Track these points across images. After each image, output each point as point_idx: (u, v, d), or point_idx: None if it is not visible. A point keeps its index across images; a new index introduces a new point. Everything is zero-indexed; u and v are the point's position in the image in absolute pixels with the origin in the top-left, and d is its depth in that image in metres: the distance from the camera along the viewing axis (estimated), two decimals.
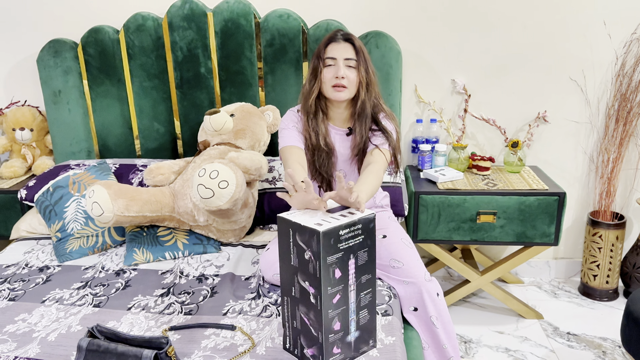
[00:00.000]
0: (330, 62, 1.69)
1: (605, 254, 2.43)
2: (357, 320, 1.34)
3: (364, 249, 1.31)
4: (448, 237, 2.22)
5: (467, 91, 2.45)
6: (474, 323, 2.33)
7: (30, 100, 2.65)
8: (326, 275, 1.24)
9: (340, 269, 1.26)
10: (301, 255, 1.27)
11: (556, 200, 2.13)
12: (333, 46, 1.69)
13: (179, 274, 1.85)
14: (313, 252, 1.23)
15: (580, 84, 2.42)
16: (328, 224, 1.24)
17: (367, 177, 1.61)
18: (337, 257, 1.25)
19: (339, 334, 1.31)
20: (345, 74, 1.68)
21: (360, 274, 1.32)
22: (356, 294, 1.32)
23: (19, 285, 1.80)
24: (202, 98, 2.45)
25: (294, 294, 1.32)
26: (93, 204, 1.83)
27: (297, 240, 1.27)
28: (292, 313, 1.35)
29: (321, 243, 1.20)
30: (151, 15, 2.37)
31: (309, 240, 1.23)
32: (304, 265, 1.27)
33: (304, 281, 1.28)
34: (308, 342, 1.32)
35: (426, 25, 2.40)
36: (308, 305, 1.29)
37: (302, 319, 1.32)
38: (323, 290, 1.24)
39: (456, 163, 2.39)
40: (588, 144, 2.50)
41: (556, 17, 2.34)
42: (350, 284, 1.30)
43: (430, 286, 1.68)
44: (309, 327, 1.31)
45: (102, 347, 1.25)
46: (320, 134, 1.76)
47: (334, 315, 1.28)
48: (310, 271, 1.25)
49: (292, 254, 1.29)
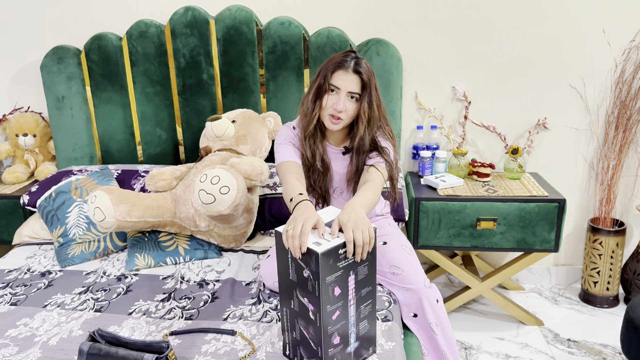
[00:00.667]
0: (333, 88, 1.63)
1: (605, 260, 2.44)
2: (357, 332, 1.34)
3: (364, 264, 1.29)
4: (448, 243, 2.23)
5: (468, 98, 2.47)
6: (475, 329, 2.34)
7: (33, 106, 2.68)
8: (326, 294, 1.22)
9: (339, 286, 1.25)
10: (300, 272, 1.25)
11: (556, 207, 2.14)
12: (340, 75, 1.61)
13: (180, 279, 1.86)
14: (312, 272, 1.21)
15: (580, 91, 2.43)
16: (327, 244, 1.21)
17: (364, 192, 1.55)
18: (337, 275, 1.23)
19: (338, 347, 1.31)
20: (345, 107, 1.63)
21: (360, 288, 1.31)
22: (356, 307, 1.31)
23: (21, 290, 1.81)
24: (204, 104, 2.47)
25: (292, 307, 1.31)
26: (95, 209, 1.85)
27: (295, 258, 1.25)
28: (292, 324, 1.34)
29: (320, 264, 1.18)
30: (154, 22, 2.39)
31: (308, 259, 1.21)
32: (302, 282, 1.25)
33: (302, 297, 1.26)
34: (307, 353, 1.32)
35: (427, 32, 2.41)
36: (307, 320, 1.28)
37: (302, 332, 1.31)
38: (322, 309, 1.22)
39: (456, 169, 2.40)
40: (588, 151, 2.51)
41: (556, 25, 2.36)
42: (350, 299, 1.29)
43: (430, 293, 1.68)
44: (309, 341, 1.30)
45: (103, 351, 1.26)
46: (317, 153, 1.72)
47: (333, 331, 1.28)
48: (309, 289, 1.23)
49: (291, 269, 1.27)
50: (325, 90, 1.64)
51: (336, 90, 1.62)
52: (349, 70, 1.60)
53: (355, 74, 1.61)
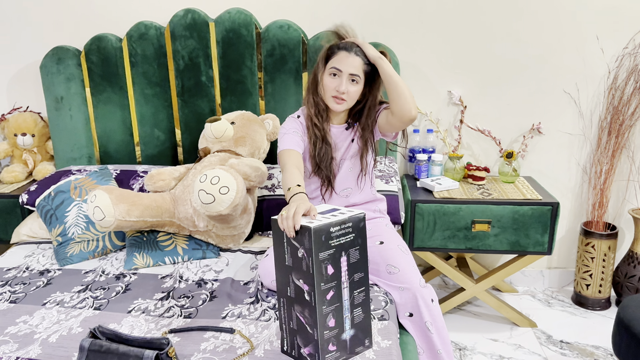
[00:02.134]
0: (334, 71, 1.70)
1: (597, 263, 2.47)
2: (352, 318, 1.38)
3: (355, 247, 1.36)
4: (443, 245, 2.26)
5: (463, 102, 2.50)
6: (469, 330, 2.36)
7: (32, 106, 2.69)
8: (319, 271, 1.29)
9: (332, 265, 1.31)
10: (295, 254, 1.32)
11: (549, 210, 2.18)
12: (343, 57, 1.68)
13: (178, 278, 1.87)
14: (306, 249, 1.28)
15: (574, 96, 2.48)
16: (319, 222, 1.29)
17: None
18: (329, 253, 1.30)
19: (334, 331, 1.35)
20: (347, 90, 1.70)
21: (353, 272, 1.36)
22: (349, 291, 1.36)
23: (20, 288, 1.82)
24: (203, 106, 2.49)
25: (289, 294, 1.36)
26: (95, 208, 1.86)
27: (290, 240, 1.32)
28: (288, 314, 1.38)
29: (313, 239, 1.26)
30: (154, 24, 2.42)
31: (302, 238, 1.28)
32: (297, 263, 1.31)
33: (298, 279, 1.33)
34: (304, 341, 1.35)
35: (423, 37, 2.45)
36: (303, 303, 1.33)
37: (298, 319, 1.35)
38: (316, 286, 1.29)
39: (452, 173, 2.43)
40: (581, 156, 2.55)
41: (551, 31, 2.40)
42: (343, 281, 1.35)
43: (425, 292, 1.70)
44: (305, 326, 1.34)
45: (104, 348, 1.27)
46: (324, 132, 1.80)
47: (328, 312, 1.32)
48: (304, 268, 1.30)
49: (287, 254, 1.34)
50: (323, 72, 1.72)
51: (338, 73, 1.68)
52: (351, 52, 1.67)
53: (357, 56, 1.69)
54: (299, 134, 1.81)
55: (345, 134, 1.86)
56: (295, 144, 1.76)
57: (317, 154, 1.82)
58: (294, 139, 1.78)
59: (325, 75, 1.73)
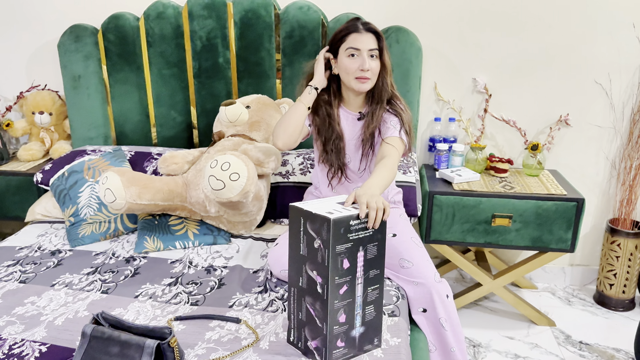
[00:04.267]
0: (353, 52, 1.67)
1: (623, 263, 2.37)
2: (363, 315, 1.34)
3: (373, 243, 1.31)
4: (461, 238, 2.19)
5: (488, 91, 2.41)
6: (484, 327, 2.30)
7: (50, 84, 2.68)
8: (334, 265, 1.24)
9: (348, 259, 1.27)
10: (311, 244, 1.28)
11: (574, 206, 2.08)
12: (356, 37, 1.66)
13: (188, 263, 1.85)
14: (323, 241, 1.24)
15: (606, 87, 2.36)
16: (339, 213, 1.24)
17: (379, 170, 1.57)
18: (347, 247, 1.26)
19: (343, 327, 1.30)
20: (370, 66, 1.67)
21: (369, 268, 1.32)
22: (363, 287, 1.32)
23: (30, 268, 1.82)
24: (220, 88, 2.44)
25: (301, 284, 1.33)
26: (106, 190, 1.84)
27: (307, 229, 1.28)
28: (298, 304, 1.34)
29: (331, 231, 1.21)
30: (172, 3, 2.37)
31: (319, 228, 1.24)
32: (313, 254, 1.27)
33: (312, 270, 1.29)
34: (312, 334, 1.32)
35: (449, 22, 2.35)
36: (315, 295, 1.29)
37: (308, 310, 1.32)
38: (330, 280, 1.25)
39: (473, 164, 2.35)
40: (611, 150, 2.44)
41: (583, 18, 2.28)
42: (358, 277, 1.30)
43: (440, 287, 1.65)
44: (314, 318, 1.30)
45: (106, 335, 1.25)
46: (333, 119, 1.76)
47: (339, 307, 1.28)
48: (319, 260, 1.26)
49: (302, 243, 1.30)
50: (343, 56, 1.69)
51: (357, 52, 1.66)
52: (362, 31, 1.66)
53: (369, 32, 1.67)
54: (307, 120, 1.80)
55: (357, 124, 1.80)
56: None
57: (325, 144, 1.78)
58: None
59: (344, 58, 1.68)
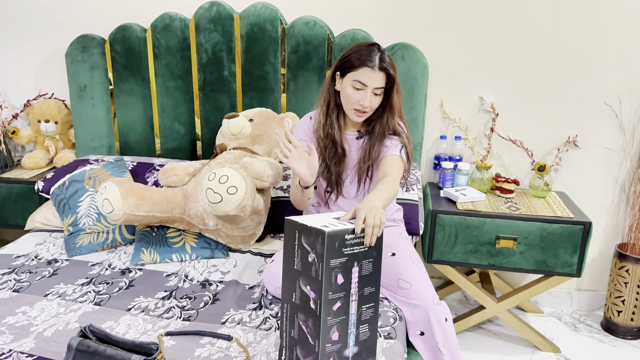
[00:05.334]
0: (359, 85, 1.63)
1: (631, 289, 2.31)
2: (357, 334, 1.30)
3: (369, 259, 1.29)
4: (464, 259, 2.14)
5: (495, 110, 2.37)
6: (487, 351, 2.24)
7: (57, 93, 2.69)
8: (328, 279, 1.22)
9: (342, 275, 1.24)
10: (305, 259, 1.26)
11: (581, 230, 2.03)
12: (367, 72, 1.61)
13: (183, 277, 1.82)
14: (317, 254, 1.22)
15: (615, 109, 2.31)
16: (334, 227, 1.22)
17: (382, 186, 1.55)
18: (341, 261, 1.23)
19: (336, 345, 1.27)
20: (371, 103, 1.65)
21: (364, 285, 1.29)
22: (358, 305, 1.29)
23: (25, 277, 1.80)
24: (224, 101, 2.43)
25: (294, 300, 1.30)
26: (104, 200, 1.83)
27: (302, 243, 1.26)
28: (291, 321, 1.31)
29: (325, 244, 1.19)
30: (179, 15, 2.37)
31: (314, 241, 1.22)
32: (307, 268, 1.25)
33: (305, 285, 1.26)
34: (304, 353, 1.28)
35: (456, 39, 2.33)
36: (307, 311, 1.26)
37: (300, 328, 1.28)
38: (324, 294, 1.22)
39: (479, 183, 2.31)
40: (620, 173, 2.39)
41: (593, 38, 2.24)
42: (352, 294, 1.27)
43: (439, 310, 1.60)
44: (307, 336, 1.27)
45: (92, 348, 1.22)
46: (336, 140, 1.74)
47: (332, 324, 1.25)
48: (313, 274, 1.23)
49: (297, 257, 1.28)
50: (343, 80, 1.66)
51: (362, 86, 1.63)
52: (375, 68, 1.61)
53: (381, 71, 1.62)
54: (308, 135, 1.79)
55: (357, 143, 1.78)
56: None
57: (326, 157, 1.76)
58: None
59: (348, 86, 1.65)
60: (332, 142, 1.74)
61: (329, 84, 1.73)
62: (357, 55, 1.62)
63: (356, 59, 1.62)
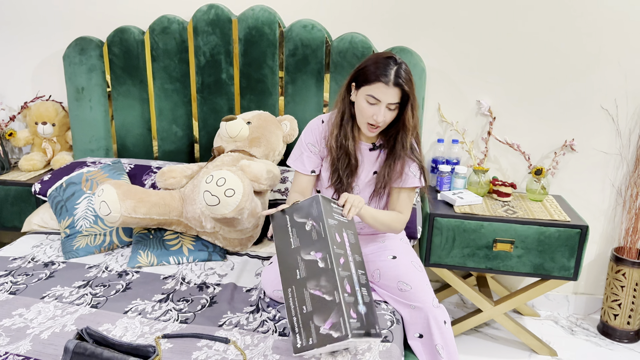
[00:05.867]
0: (372, 100, 1.58)
1: (628, 293, 2.31)
2: (362, 295, 1.39)
3: (350, 230, 1.49)
4: (462, 263, 2.14)
5: (492, 113, 2.38)
6: (484, 355, 2.24)
7: (55, 95, 2.69)
8: (331, 235, 1.37)
9: (339, 234, 1.41)
10: (302, 231, 1.39)
11: (578, 233, 2.04)
12: (381, 88, 1.55)
13: (180, 280, 1.82)
14: (314, 218, 1.38)
15: (612, 113, 2.32)
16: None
17: (389, 214, 1.66)
18: (334, 223, 1.41)
19: (351, 298, 1.34)
20: (385, 118, 1.60)
21: (353, 252, 1.45)
22: (354, 267, 1.42)
23: (22, 279, 1.80)
24: (222, 104, 2.43)
25: (299, 276, 1.37)
26: (101, 203, 1.82)
27: (295, 220, 1.41)
28: (300, 299, 1.36)
29: (321, 204, 1.39)
30: (177, 18, 2.38)
31: (308, 209, 1.40)
32: (306, 238, 1.38)
33: (308, 253, 1.37)
34: (324, 315, 1.31)
35: (453, 43, 2.34)
36: (317, 274, 1.34)
37: (313, 295, 1.34)
38: (331, 247, 1.35)
39: (476, 187, 2.31)
40: (617, 177, 2.39)
41: (591, 43, 2.26)
42: (349, 254, 1.42)
43: (438, 313, 1.61)
44: (322, 297, 1.32)
45: (88, 351, 1.22)
46: (350, 149, 1.70)
47: (343, 276, 1.35)
48: (314, 237, 1.37)
49: (292, 237, 1.40)
50: (357, 93, 1.64)
51: (376, 101, 1.58)
52: (389, 84, 1.55)
53: (396, 87, 1.56)
54: (316, 148, 1.76)
55: (370, 154, 1.75)
56: (309, 167, 1.77)
57: (339, 168, 1.72)
58: (306, 163, 1.77)
59: (362, 100, 1.61)
60: (345, 153, 1.70)
61: (344, 94, 1.69)
62: (372, 68, 1.57)
63: (371, 72, 1.57)
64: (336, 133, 1.70)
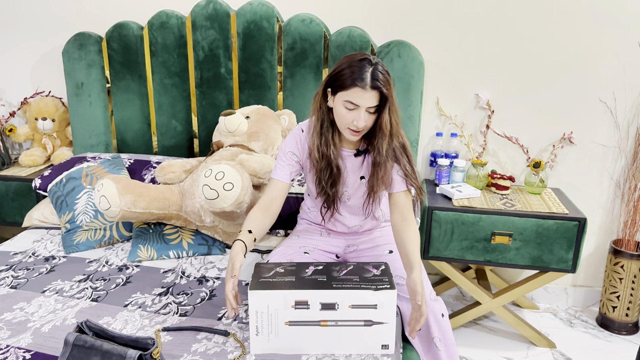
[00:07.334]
0: (350, 106, 1.52)
1: (626, 285, 2.32)
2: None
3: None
4: (460, 255, 2.15)
5: (491, 107, 2.38)
6: (483, 347, 2.25)
7: (54, 91, 2.69)
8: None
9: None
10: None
11: (576, 226, 2.04)
12: (358, 92, 1.49)
13: (180, 273, 1.83)
14: None
15: (610, 106, 2.33)
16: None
17: (411, 242, 1.55)
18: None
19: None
20: (366, 122, 1.54)
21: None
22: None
23: (23, 274, 1.81)
24: (221, 98, 2.44)
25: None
26: (101, 197, 1.83)
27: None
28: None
29: None
30: (175, 13, 2.38)
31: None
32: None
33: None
34: None
35: (452, 37, 2.34)
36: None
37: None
38: None
39: (474, 180, 2.32)
40: (615, 169, 2.40)
41: (589, 35, 2.25)
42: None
43: (435, 306, 1.61)
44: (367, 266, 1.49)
45: (88, 343, 1.23)
46: (332, 157, 1.64)
47: None
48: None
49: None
50: (335, 99, 1.56)
51: (354, 106, 1.52)
52: (367, 88, 1.48)
53: (374, 90, 1.49)
54: (297, 157, 1.70)
55: (354, 160, 1.71)
56: (285, 175, 1.69)
57: (322, 179, 1.67)
58: (285, 169, 1.69)
59: (340, 105, 1.55)
60: (327, 163, 1.65)
61: (321, 100, 1.61)
62: (347, 72, 1.50)
63: (347, 77, 1.49)
64: (317, 143, 1.64)
